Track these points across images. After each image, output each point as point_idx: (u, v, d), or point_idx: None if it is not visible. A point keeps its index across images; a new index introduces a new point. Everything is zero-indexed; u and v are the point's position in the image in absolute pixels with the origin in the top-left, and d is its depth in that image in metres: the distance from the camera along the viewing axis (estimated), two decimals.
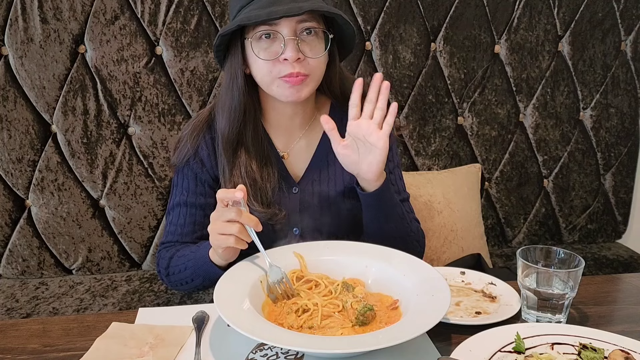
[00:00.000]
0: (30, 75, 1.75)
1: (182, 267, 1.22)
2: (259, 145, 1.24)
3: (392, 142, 1.36)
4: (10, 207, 1.82)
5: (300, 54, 1.12)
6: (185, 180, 1.29)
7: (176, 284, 1.27)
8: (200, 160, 1.27)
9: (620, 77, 2.11)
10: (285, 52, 1.11)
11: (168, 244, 1.30)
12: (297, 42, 1.12)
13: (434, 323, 0.87)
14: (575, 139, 2.13)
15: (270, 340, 0.84)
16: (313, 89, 1.20)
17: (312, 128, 1.32)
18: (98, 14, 1.74)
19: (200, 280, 1.20)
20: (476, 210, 1.95)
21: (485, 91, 2.02)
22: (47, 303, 1.69)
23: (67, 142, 1.80)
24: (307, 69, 1.15)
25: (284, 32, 1.11)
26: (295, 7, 1.06)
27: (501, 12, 1.97)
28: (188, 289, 1.27)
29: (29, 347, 0.98)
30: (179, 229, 1.29)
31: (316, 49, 1.15)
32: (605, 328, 0.98)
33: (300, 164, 1.30)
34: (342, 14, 1.13)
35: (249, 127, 1.22)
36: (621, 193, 2.22)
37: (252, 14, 1.08)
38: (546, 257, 1.08)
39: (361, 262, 1.10)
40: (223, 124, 1.21)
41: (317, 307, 0.98)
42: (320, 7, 1.09)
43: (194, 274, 1.20)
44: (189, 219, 1.29)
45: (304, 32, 1.13)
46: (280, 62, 1.13)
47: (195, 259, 1.18)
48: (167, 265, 1.26)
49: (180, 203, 1.30)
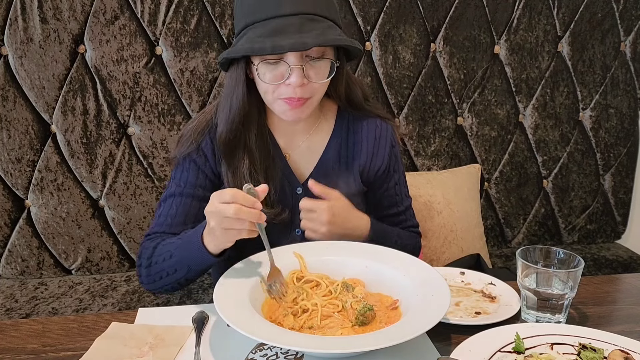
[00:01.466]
0: (29, 75, 1.74)
1: (166, 255, 1.13)
2: (264, 146, 1.23)
3: (397, 151, 1.37)
4: (10, 207, 1.82)
5: (305, 79, 1.11)
6: (185, 173, 1.25)
7: (154, 278, 1.16)
8: (203, 154, 1.25)
9: (620, 78, 2.11)
10: (290, 77, 1.10)
11: (154, 235, 1.22)
12: (303, 68, 1.10)
13: (433, 323, 0.87)
14: (574, 140, 2.13)
15: (270, 340, 0.84)
16: (314, 107, 1.20)
17: (317, 132, 1.30)
18: (98, 13, 1.74)
19: (184, 272, 1.11)
20: (476, 211, 1.95)
21: (485, 91, 2.03)
22: (46, 303, 1.69)
23: (66, 142, 1.80)
24: (310, 91, 1.14)
25: (290, 60, 1.09)
26: (300, 42, 1.04)
27: (501, 13, 1.98)
28: (165, 284, 1.16)
29: (28, 347, 0.98)
30: (169, 220, 1.23)
31: (321, 74, 1.14)
32: (605, 328, 0.98)
33: (305, 165, 1.29)
34: (349, 42, 1.11)
35: (252, 130, 1.21)
36: (620, 193, 2.23)
37: (257, 45, 1.06)
38: (546, 258, 1.08)
39: (361, 262, 1.10)
40: (220, 128, 1.20)
41: (316, 307, 0.98)
42: (325, 42, 1.07)
43: (179, 263, 1.10)
44: (182, 208, 1.23)
45: (309, 58, 1.11)
46: (284, 84, 1.12)
47: (184, 245, 1.10)
48: (150, 254, 1.17)
49: (175, 194, 1.25)
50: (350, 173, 1.30)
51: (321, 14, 1.10)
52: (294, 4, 1.07)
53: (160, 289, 1.18)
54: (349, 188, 1.29)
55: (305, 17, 1.07)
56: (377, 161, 1.32)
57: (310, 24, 1.07)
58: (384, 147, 1.32)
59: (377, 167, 1.32)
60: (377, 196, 1.36)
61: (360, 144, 1.31)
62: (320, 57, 1.12)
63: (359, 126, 1.31)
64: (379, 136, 1.32)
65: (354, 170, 1.30)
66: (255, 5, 1.09)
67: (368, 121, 1.32)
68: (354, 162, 1.30)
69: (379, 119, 1.33)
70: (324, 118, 1.31)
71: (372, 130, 1.32)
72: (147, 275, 1.17)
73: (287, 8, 1.07)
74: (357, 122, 1.32)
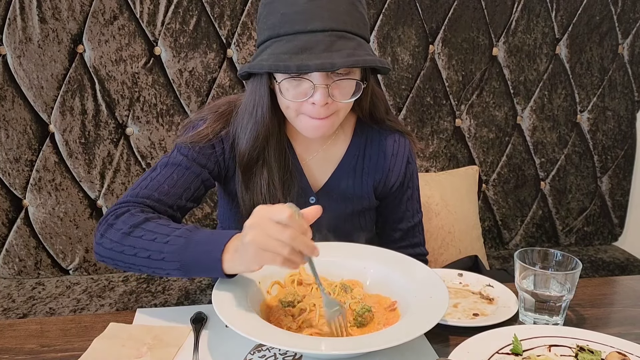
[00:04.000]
0: (28, 75, 1.74)
1: (161, 238, 0.96)
2: (283, 157, 1.17)
3: (414, 168, 1.32)
4: (8, 207, 1.82)
5: (329, 98, 1.04)
6: (196, 150, 1.15)
7: (123, 249, 0.99)
8: (222, 145, 1.17)
9: (618, 80, 2.11)
10: (314, 96, 1.04)
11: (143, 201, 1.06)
12: (329, 87, 1.04)
13: (432, 324, 0.87)
14: (572, 142, 2.14)
15: (269, 341, 0.84)
16: (337, 125, 1.14)
17: (334, 143, 1.25)
18: (97, 14, 1.74)
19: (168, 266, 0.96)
20: (473, 212, 1.95)
21: (483, 93, 2.03)
22: (43, 303, 1.68)
23: (64, 142, 1.79)
24: (334, 109, 1.08)
25: (315, 79, 1.03)
26: (328, 63, 0.96)
27: (499, 15, 1.98)
28: (127, 262, 1.00)
29: (26, 347, 0.98)
30: (165, 186, 1.09)
31: (346, 93, 1.08)
32: (602, 330, 0.98)
33: (319, 175, 1.25)
34: (379, 63, 1.03)
35: (271, 142, 1.15)
36: (618, 196, 2.23)
37: (282, 63, 0.99)
38: (543, 259, 1.09)
39: (359, 263, 1.11)
40: (244, 145, 1.14)
41: (314, 307, 0.98)
42: (355, 63, 0.99)
43: (172, 256, 0.95)
44: (183, 180, 1.11)
45: (335, 76, 1.04)
46: (307, 102, 1.06)
47: (192, 244, 0.94)
48: (137, 223, 1.00)
49: (180, 164, 1.13)
50: (363, 187, 1.27)
51: (352, 31, 1.02)
52: (325, 20, 0.99)
53: (114, 262, 1.01)
54: (362, 203, 1.27)
55: (335, 35, 0.99)
56: (392, 177, 1.28)
57: (339, 42, 0.99)
58: (400, 164, 1.28)
59: (392, 183, 1.29)
60: (387, 210, 1.33)
61: (377, 158, 1.27)
62: (347, 76, 1.06)
63: (377, 140, 1.27)
64: (396, 152, 1.28)
65: (367, 184, 1.27)
66: (282, 17, 1.01)
67: (386, 136, 1.27)
68: (368, 176, 1.26)
69: (397, 133, 1.28)
70: (341, 129, 1.25)
71: (389, 146, 1.27)
72: (117, 241, 1.00)
73: (316, 24, 0.99)
74: (375, 135, 1.27)
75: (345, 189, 1.25)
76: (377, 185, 1.28)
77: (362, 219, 1.30)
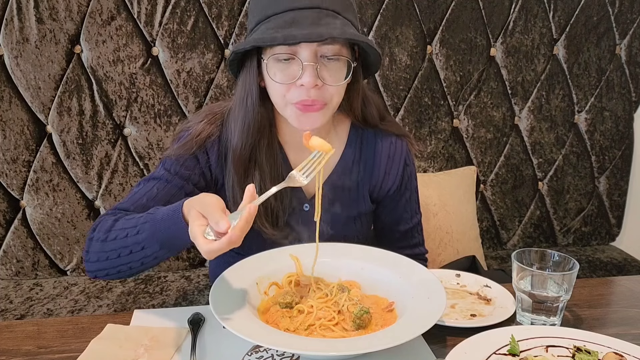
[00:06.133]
0: (25, 76, 1.74)
1: (131, 230, 0.99)
2: (274, 161, 1.16)
3: (412, 170, 1.30)
4: (5, 208, 1.81)
5: (318, 80, 1.03)
6: (179, 163, 1.15)
7: (108, 256, 1.02)
8: (207, 155, 1.17)
9: (615, 81, 2.12)
10: (302, 77, 1.02)
11: (118, 211, 1.09)
12: (317, 67, 1.02)
13: (429, 325, 0.87)
14: (570, 142, 2.14)
15: (266, 342, 0.84)
16: (329, 117, 1.12)
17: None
18: (94, 14, 1.74)
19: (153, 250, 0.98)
20: (471, 213, 1.96)
21: (481, 94, 2.03)
22: (41, 304, 1.68)
23: (62, 142, 1.79)
24: (325, 96, 1.06)
25: (303, 56, 1.01)
26: (315, 33, 0.96)
27: (497, 16, 1.98)
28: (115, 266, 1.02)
29: (23, 348, 0.98)
30: (144, 199, 1.10)
31: (336, 76, 1.06)
32: (599, 331, 0.98)
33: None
34: (367, 40, 1.03)
35: (262, 142, 1.14)
36: (615, 196, 2.24)
37: (268, 35, 0.99)
38: (541, 260, 1.09)
39: (357, 264, 1.11)
40: (236, 139, 1.13)
41: (312, 309, 0.98)
42: (342, 34, 0.99)
43: (149, 240, 0.97)
44: (163, 193, 1.12)
45: (324, 58, 1.03)
46: (296, 86, 1.04)
47: (158, 220, 0.96)
48: (109, 228, 1.03)
49: (161, 178, 1.14)
50: (359, 192, 1.25)
51: (339, 12, 1.03)
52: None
53: (105, 272, 1.04)
54: (358, 207, 1.26)
55: (323, 12, 1.00)
56: (389, 181, 1.27)
57: (327, 18, 1.00)
58: (397, 167, 1.27)
59: (389, 187, 1.27)
60: (385, 213, 1.32)
61: (372, 163, 1.25)
62: (336, 56, 1.04)
63: (372, 144, 1.25)
64: (392, 155, 1.26)
65: (363, 189, 1.26)
66: (269, 0, 1.02)
67: (382, 138, 1.25)
68: (364, 181, 1.25)
69: (394, 136, 1.27)
70: (334, 132, 1.24)
71: (385, 149, 1.25)
72: (99, 251, 1.03)
73: (304, 1, 1.00)
74: (371, 139, 1.25)
75: (341, 194, 1.23)
76: (373, 190, 1.27)
77: (357, 224, 1.29)
